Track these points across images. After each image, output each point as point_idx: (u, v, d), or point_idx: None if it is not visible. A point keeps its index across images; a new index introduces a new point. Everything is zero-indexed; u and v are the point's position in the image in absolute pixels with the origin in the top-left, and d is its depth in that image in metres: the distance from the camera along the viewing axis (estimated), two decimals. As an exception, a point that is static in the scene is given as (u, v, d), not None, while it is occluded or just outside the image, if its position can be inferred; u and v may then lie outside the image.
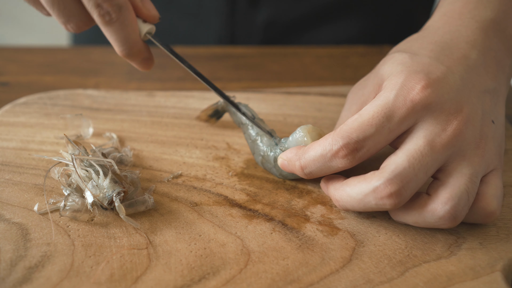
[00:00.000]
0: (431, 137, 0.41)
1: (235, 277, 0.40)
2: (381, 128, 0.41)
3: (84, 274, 0.39)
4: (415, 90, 0.42)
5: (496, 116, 0.45)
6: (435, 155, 0.41)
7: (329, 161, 0.43)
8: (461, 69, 0.45)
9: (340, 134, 0.42)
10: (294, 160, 0.45)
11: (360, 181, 0.42)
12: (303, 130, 0.47)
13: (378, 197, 0.40)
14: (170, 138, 0.55)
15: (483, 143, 0.43)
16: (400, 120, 0.41)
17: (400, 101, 0.42)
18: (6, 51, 0.76)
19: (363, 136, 0.41)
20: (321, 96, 0.62)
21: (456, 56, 0.45)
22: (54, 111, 0.58)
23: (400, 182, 0.40)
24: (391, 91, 0.42)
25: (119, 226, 0.44)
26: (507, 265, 0.41)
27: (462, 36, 0.47)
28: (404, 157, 0.40)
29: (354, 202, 0.42)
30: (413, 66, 0.43)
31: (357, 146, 0.41)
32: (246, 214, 0.46)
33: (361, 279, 0.40)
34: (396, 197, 0.40)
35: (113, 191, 0.44)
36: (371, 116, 0.41)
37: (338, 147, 0.42)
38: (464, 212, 0.41)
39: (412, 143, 0.41)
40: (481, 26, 0.48)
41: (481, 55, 0.46)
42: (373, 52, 0.76)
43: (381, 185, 0.40)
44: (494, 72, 0.46)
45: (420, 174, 0.40)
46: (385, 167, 0.41)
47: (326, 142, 0.43)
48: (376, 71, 0.47)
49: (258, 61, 0.74)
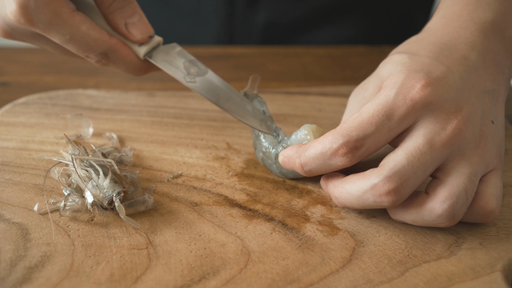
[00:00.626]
0: (430, 136, 0.41)
1: (235, 277, 0.40)
2: (381, 127, 0.41)
3: (84, 274, 0.39)
4: (415, 88, 0.42)
5: (496, 116, 0.45)
6: (435, 153, 0.41)
7: (328, 159, 0.43)
8: (461, 69, 0.45)
9: (340, 132, 0.42)
10: (294, 157, 0.45)
11: (359, 178, 0.42)
12: (306, 128, 0.47)
13: (377, 194, 0.41)
14: (170, 138, 0.55)
15: (482, 142, 0.43)
16: (400, 118, 0.41)
17: (400, 99, 0.42)
18: (6, 51, 0.76)
19: (363, 134, 0.41)
20: (321, 96, 0.62)
21: (456, 57, 0.46)
22: (54, 111, 0.58)
23: (398, 179, 0.40)
24: (391, 90, 0.42)
25: (119, 226, 0.44)
26: (507, 265, 0.41)
27: (461, 38, 0.47)
28: (403, 155, 0.41)
29: (352, 199, 0.42)
30: (412, 65, 0.44)
31: (357, 145, 0.41)
32: (246, 214, 0.46)
33: (361, 279, 0.40)
34: (394, 194, 0.40)
35: (113, 191, 0.44)
36: (371, 114, 0.41)
37: (338, 145, 0.42)
38: (462, 211, 0.41)
39: (411, 142, 0.41)
40: (480, 28, 0.48)
41: (481, 56, 0.46)
42: (373, 52, 0.76)
43: (380, 183, 0.40)
44: (493, 73, 0.47)
45: (419, 172, 0.40)
46: (384, 164, 0.41)
47: (326, 140, 0.43)
48: (376, 73, 0.47)
49: (258, 61, 0.74)
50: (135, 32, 0.51)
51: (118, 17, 0.50)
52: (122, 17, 0.50)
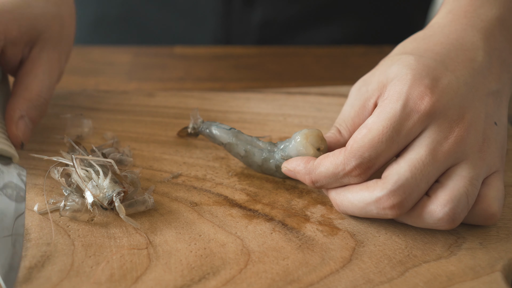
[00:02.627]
0: (433, 146, 0.41)
1: (235, 277, 0.40)
2: (391, 143, 0.42)
3: (84, 274, 0.39)
4: (421, 100, 0.42)
5: (499, 117, 0.45)
6: (437, 164, 0.41)
7: (341, 178, 0.43)
8: (466, 73, 0.45)
9: (352, 153, 0.42)
10: (304, 173, 0.45)
11: (362, 189, 0.42)
12: (301, 136, 0.47)
13: (380, 207, 0.41)
14: (170, 138, 0.55)
15: (485, 146, 0.43)
16: (408, 132, 0.42)
17: (407, 112, 0.42)
18: (6, 51, 0.76)
19: (375, 154, 0.42)
20: (321, 96, 0.62)
21: (461, 59, 0.45)
22: (54, 111, 0.58)
23: (402, 193, 0.40)
24: (397, 102, 0.42)
25: (119, 226, 0.44)
26: (507, 265, 0.41)
27: (468, 36, 0.47)
28: (407, 167, 0.41)
29: (355, 209, 0.43)
30: (418, 69, 0.43)
31: (370, 165, 0.42)
32: (246, 214, 0.46)
33: (361, 279, 0.40)
34: (398, 208, 0.41)
35: (113, 191, 0.44)
36: (380, 131, 0.42)
37: (351, 168, 0.42)
38: (463, 215, 0.41)
39: (414, 152, 0.41)
40: (486, 25, 0.48)
41: (487, 55, 0.46)
42: (373, 52, 0.76)
43: (384, 196, 0.40)
44: (498, 72, 0.46)
45: (422, 184, 0.41)
46: (388, 177, 0.41)
47: (337, 160, 0.43)
48: (382, 70, 0.47)
49: (258, 61, 0.74)
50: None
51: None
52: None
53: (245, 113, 0.59)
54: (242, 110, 0.59)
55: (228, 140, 0.50)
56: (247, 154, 0.49)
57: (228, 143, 0.50)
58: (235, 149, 0.50)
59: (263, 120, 0.58)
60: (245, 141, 0.49)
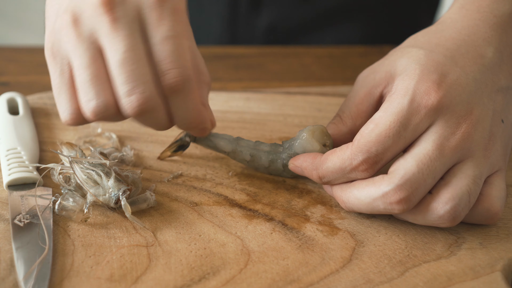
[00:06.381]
0: (440, 141, 0.41)
1: (235, 277, 0.40)
2: (397, 138, 0.41)
3: (84, 274, 0.39)
4: (428, 95, 0.42)
5: (507, 115, 0.45)
6: (444, 159, 0.41)
7: (348, 173, 0.43)
8: (475, 69, 0.44)
9: (359, 148, 0.42)
10: (311, 169, 0.45)
11: (369, 184, 0.42)
12: (306, 133, 0.47)
13: (387, 202, 0.41)
14: (170, 138, 0.55)
15: (491, 143, 0.43)
16: (415, 127, 0.42)
17: (414, 107, 0.42)
18: (6, 51, 0.76)
19: (382, 149, 0.41)
20: (321, 96, 0.62)
21: (472, 55, 0.45)
22: (54, 111, 0.58)
23: (409, 188, 0.40)
24: (405, 97, 0.42)
25: (119, 226, 0.44)
26: (507, 265, 0.41)
27: (480, 32, 0.46)
28: (413, 162, 0.41)
29: (362, 205, 0.43)
30: (427, 64, 0.43)
31: (377, 160, 0.42)
32: (246, 214, 0.46)
33: (361, 279, 0.40)
34: (405, 203, 0.40)
35: (119, 190, 0.44)
36: (387, 126, 0.41)
37: (358, 162, 0.42)
38: (464, 213, 0.41)
39: (421, 147, 0.41)
40: (499, 21, 0.47)
41: (498, 52, 0.46)
42: (373, 52, 0.76)
43: (391, 191, 0.40)
44: (509, 69, 0.46)
45: (429, 179, 0.41)
46: (394, 172, 0.41)
47: (344, 155, 0.43)
48: (392, 60, 0.46)
49: (258, 61, 0.74)
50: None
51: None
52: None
53: (245, 113, 0.59)
54: (242, 110, 0.59)
55: (232, 148, 0.49)
56: (253, 158, 0.49)
57: (232, 151, 0.49)
58: (240, 156, 0.49)
59: (263, 120, 0.58)
60: (248, 146, 0.49)
